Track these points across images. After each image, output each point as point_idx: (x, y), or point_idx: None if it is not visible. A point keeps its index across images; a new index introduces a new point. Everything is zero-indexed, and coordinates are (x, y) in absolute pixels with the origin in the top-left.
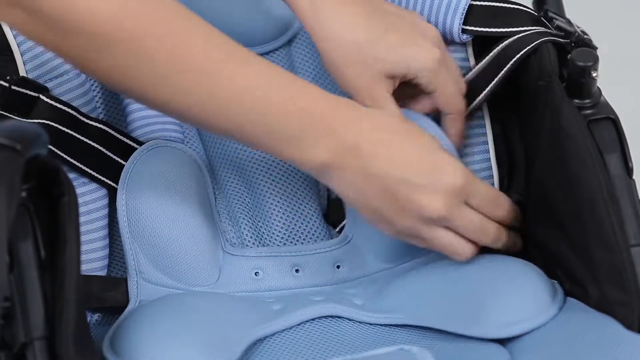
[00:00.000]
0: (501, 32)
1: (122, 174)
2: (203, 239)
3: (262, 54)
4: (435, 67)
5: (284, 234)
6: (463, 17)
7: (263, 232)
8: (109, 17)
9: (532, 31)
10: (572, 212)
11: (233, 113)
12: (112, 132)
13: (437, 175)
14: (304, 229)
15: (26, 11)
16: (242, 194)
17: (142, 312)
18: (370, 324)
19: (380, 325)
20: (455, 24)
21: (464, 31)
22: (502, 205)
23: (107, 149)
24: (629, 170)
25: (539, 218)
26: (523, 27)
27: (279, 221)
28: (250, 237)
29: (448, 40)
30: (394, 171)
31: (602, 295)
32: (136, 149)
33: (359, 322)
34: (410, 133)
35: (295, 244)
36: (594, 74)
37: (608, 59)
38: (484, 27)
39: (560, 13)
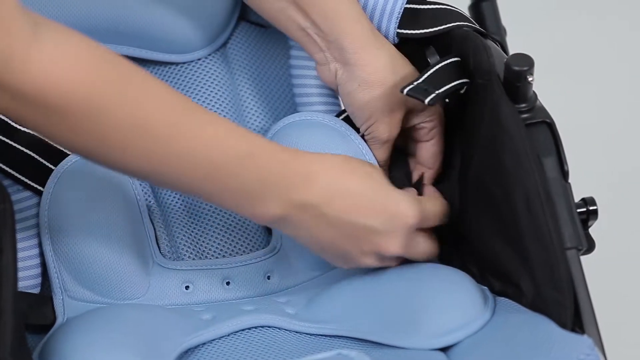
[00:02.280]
0: (432, 32)
1: (47, 185)
2: (129, 253)
3: (197, 60)
4: (442, 114)
5: (222, 245)
6: (398, 20)
7: (200, 244)
8: (72, 89)
9: (463, 26)
10: (509, 209)
11: (190, 167)
12: (44, 138)
13: (395, 220)
14: (242, 239)
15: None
16: (178, 205)
17: (72, 324)
18: (303, 333)
19: (313, 334)
20: (391, 28)
21: (397, 35)
22: (447, 214)
23: (39, 155)
24: (564, 174)
25: (475, 214)
26: (452, 24)
27: (217, 232)
28: (187, 249)
29: None
30: (353, 218)
31: (537, 293)
32: (69, 154)
33: (292, 332)
34: (364, 176)
35: (234, 256)
36: (530, 78)
37: (545, 64)
38: (416, 30)
39: (496, 18)
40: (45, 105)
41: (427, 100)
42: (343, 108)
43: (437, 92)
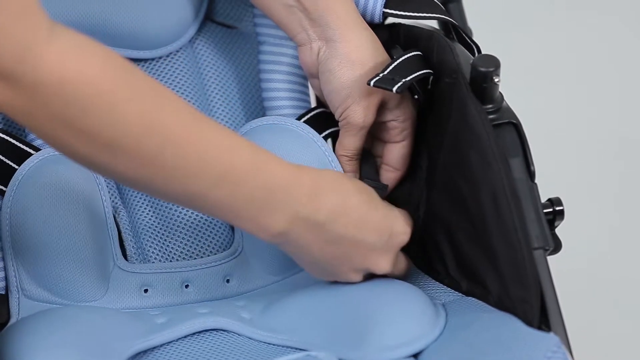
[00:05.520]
0: (418, 16)
1: (9, 185)
2: (88, 255)
3: (165, 56)
4: (415, 117)
5: (188, 246)
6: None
7: (167, 245)
8: (89, 81)
9: (442, 19)
10: (476, 209)
11: (198, 181)
12: (10, 139)
13: (391, 237)
14: (208, 240)
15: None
16: (145, 207)
17: (22, 325)
18: (256, 340)
19: (266, 342)
20: (378, 6)
21: (382, 14)
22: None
23: (5, 156)
24: (531, 174)
25: (443, 214)
26: (434, 14)
27: (184, 233)
28: (154, 250)
29: (367, 21)
30: (356, 235)
31: (503, 292)
32: (33, 154)
33: (246, 337)
34: (363, 194)
35: (201, 257)
36: (496, 79)
37: (511, 67)
38: (402, 11)
39: (463, 19)
40: (59, 100)
41: (394, 89)
42: (312, 106)
43: (404, 80)
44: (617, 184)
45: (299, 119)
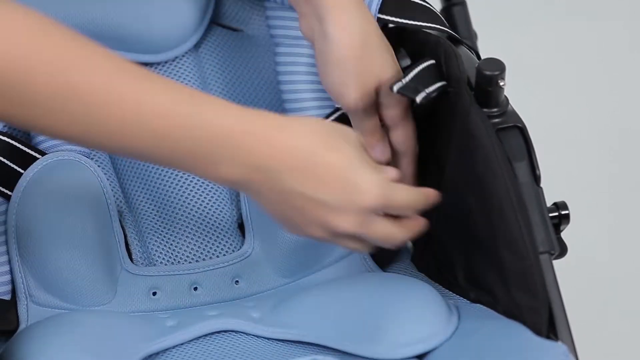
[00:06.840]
0: (412, 24)
1: (15, 190)
2: (96, 260)
3: (169, 60)
4: (407, 104)
5: (194, 249)
6: (379, 5)
7: (173, 249)
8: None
9: (438, 29)
10: (482, 216)
11: (135, 135)
12: (15, 144)
13: (350, 196)
14: (215, 243)
15: None
16: (151, 211)
17: (32, 330)
18: (267, 339)
19: (277, 340)
20: (372, 11)
21: (377, 20)
22: (419, 205)
23: (11, 160)
24: (536, 178)
25: (450, 221)
26: (431, 23)
27: (190, 236)
28: (159, 254)
29: None
30: (307, 191)
31: (510, 300)
32: (38, 158)
33: (256, 337)
34: (329, 146)
35: (206, 260)
36: (501, 83)
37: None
38: (397, 18)
39: (467, 22)
40: None
41: (418, 99)
42: (336, 106)
43: (426, 90)
44: (616, 184)
45: (325, 118)
